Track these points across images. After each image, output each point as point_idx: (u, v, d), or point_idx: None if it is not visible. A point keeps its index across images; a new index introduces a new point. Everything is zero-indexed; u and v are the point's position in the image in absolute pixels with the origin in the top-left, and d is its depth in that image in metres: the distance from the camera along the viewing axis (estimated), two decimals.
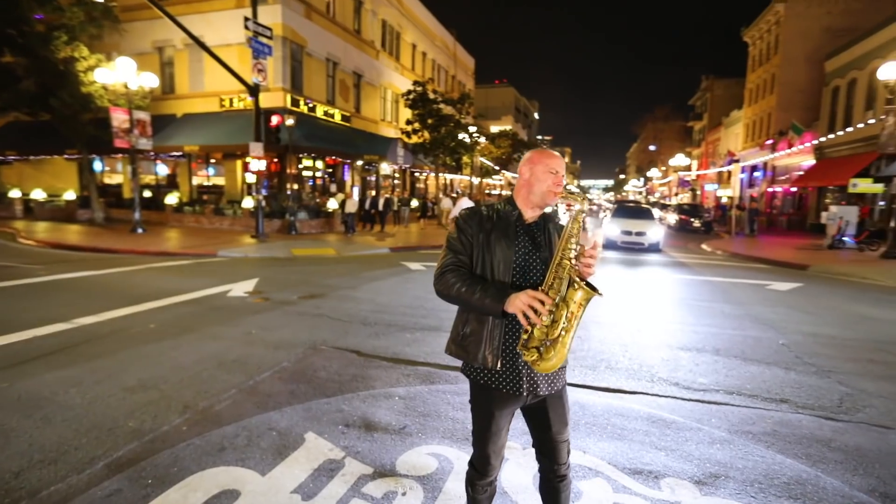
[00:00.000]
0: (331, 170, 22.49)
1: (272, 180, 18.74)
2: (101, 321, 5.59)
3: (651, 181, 70.09)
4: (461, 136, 24.71)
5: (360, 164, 22.98)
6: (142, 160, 19.32)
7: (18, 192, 19.75)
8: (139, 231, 14.31)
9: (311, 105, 19.68)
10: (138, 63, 14.44)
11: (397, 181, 28.55)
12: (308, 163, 20.42)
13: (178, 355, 4.57)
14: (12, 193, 19.74)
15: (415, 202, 27.24)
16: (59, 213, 19.22)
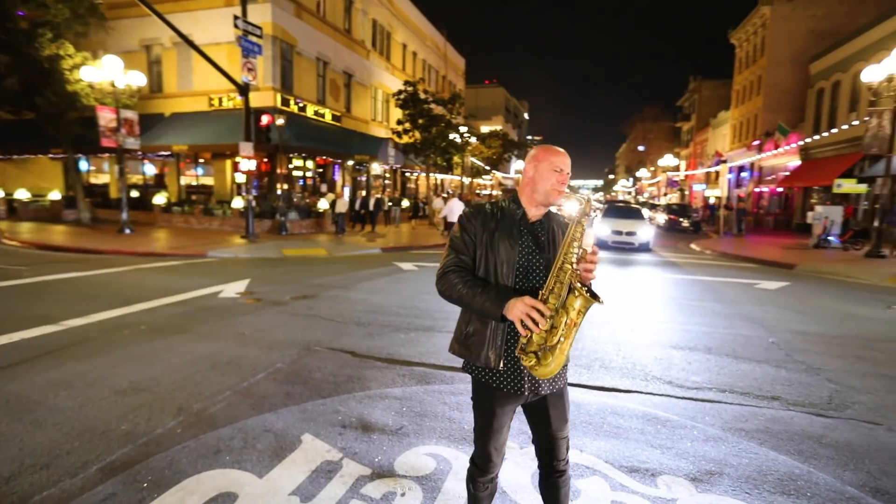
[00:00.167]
0: (321, 170, 22.38)
1: (262, 180, 18.62)
2: (91, 323, 5.51)
3: (640, 181, 70.69)
4: (452, 136, 24.72)
5: (350, 164, 22.89)
6: (129, 160, 19.09)
7: (1, 192, 19.36)
8: (127, 231, 14.11)
9: (301, 105, 19.57)
10: (125, 61, 14.24)
11: (388, 181, 28.49)
12: (298, 163, 20.31)
13: (171, 357, 4.52)
14: None
15: (406, 202, 27.20)
16: (44, 213, 18.90)
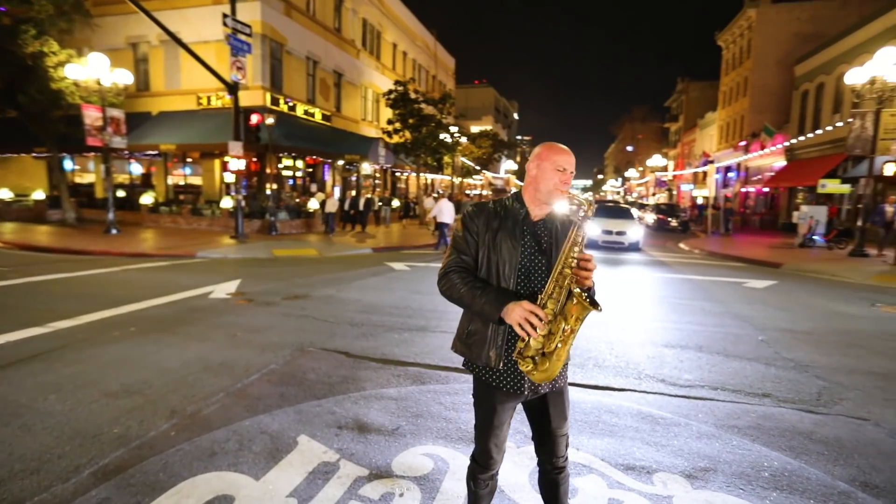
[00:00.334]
0: (311, 169, 22.24)
1: (251, 180, 18.44)
2: (79, 325, 5.42)
3: (629, 181, 71.30)
4: (442, 136, 24.70)
5: (340, 163, 22.78)
6: (115, 159, 18.80)
7: None
8: (113, 232, 13.90)
9: (291, 104, 19.43)
10: (111, 59, 14.02)
11: (378, 181, 28.40)
12: (288, 162, 20.16)
13: (162, 359, 4.46)
14: None
15: (396, 202, 27.13)
16: (28, 213, 18.55)
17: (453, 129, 26.26)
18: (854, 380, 4.42)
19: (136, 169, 20.54)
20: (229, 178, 17.12)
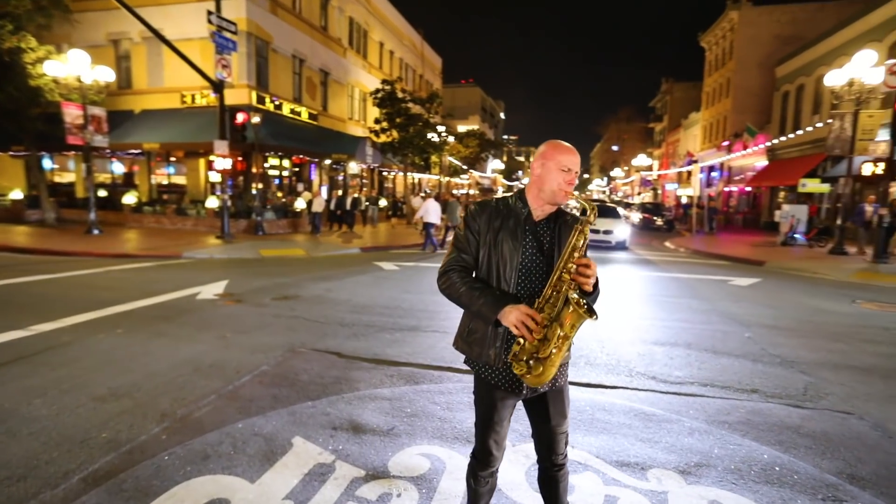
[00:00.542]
0: (298, 169, 22.06)
1: (237, 179, 18.23)
2: (62, 327, 5.30)
3: (614, 181, 72.00)
4: (430, 135, 24.68)
5: (327, 163, 22.63)
6: (97, 158, 18.41)
7: None
8: (95, 232, 13.63)
9: (277, 103, 19.25)
10: (92, 56, 13.72)
11: (366, 181, 28.27)
12: (274, 162, 19.96)
13: (150, 361, 4.39)
14: None
15: (383, 201, 27.04)
16: (5, 213, 18.06)
17: (440, 128, 26.26)
18: (838, 375, 4.52)
19: (119, 168, 20.17)
20: (215, 177, 16.88)
